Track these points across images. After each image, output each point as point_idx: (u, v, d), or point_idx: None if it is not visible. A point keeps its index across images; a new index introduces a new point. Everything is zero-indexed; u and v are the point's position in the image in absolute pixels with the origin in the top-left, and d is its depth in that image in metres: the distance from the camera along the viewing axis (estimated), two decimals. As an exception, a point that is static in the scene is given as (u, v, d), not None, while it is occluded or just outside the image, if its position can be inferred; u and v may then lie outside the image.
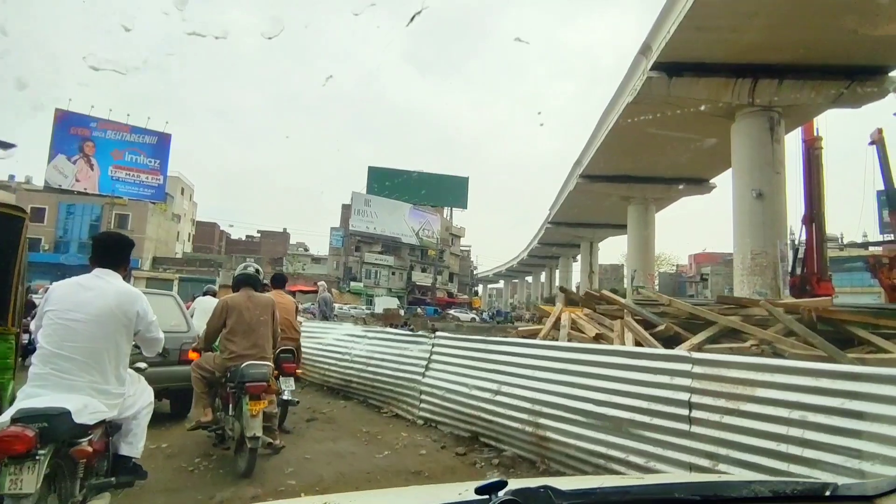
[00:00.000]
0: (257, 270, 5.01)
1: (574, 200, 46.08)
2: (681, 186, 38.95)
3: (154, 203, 53.17)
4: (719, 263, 71.09)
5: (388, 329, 7.15)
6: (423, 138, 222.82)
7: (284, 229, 78.08)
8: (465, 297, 70.72)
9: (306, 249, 70.78)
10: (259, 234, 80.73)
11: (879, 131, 24.39)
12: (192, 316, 6.64)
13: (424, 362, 5.88)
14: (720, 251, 76.47)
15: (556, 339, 7.03)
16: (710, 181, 38.93)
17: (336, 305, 43.40)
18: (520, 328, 9.56)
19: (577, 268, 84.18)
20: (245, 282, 4.84)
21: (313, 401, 7.07)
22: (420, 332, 6.42)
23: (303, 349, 6.31)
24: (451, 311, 53.18)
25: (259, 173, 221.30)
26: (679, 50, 20.90)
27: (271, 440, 4.41)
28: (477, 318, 50.50)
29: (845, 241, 48.09)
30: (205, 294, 8.15)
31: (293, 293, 49.75)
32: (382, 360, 6.51)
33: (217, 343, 4.80)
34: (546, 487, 0.91)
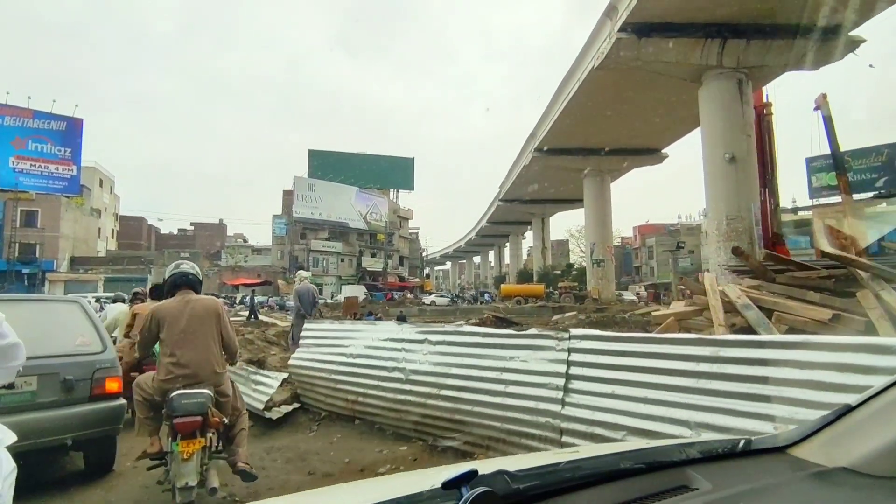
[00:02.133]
0: (192, 267, 3.95)
1: (527, 176, 45.50)
2: (635, 156, 39.06)
3: (68, 197, 48.09)
4: (663, 234, 72.90)
5: (469, 328, 4.80)
6: (358, 123, 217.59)
7: (220, 220, 73.78)
8: (417, 280, 69.35)
9: (245, 240, 66.97)
10: (192, 227, 75.81)
11: (823, 97, 24.71)
12: None
13: (559, 380, 3.70)
14: (662, 222, 78.77)
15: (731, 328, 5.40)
16: (663, 150, 39.27)
17: (286, 298, 41.25)
18: (655, 312, 7.80)
19: (525, 245, 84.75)
20: (180, 283, 3.78)
21: (345, 447, 4.65)
22: (544, 333, 4.02)
23: (316, 363, 4.94)
24: (431, 297, 51.07)
25: (187, 163, 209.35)
26: (649, 8, 20.11)
27: (215, 485, 3.30)
28: (457, 301, 48.53)
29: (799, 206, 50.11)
30: (114, 301, 6.29)
31: (236, 287, 46.87)
32: (470, 377, 4.22)
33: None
34: (501, 472, 0.95)
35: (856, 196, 27.45)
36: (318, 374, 5.68)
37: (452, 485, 0.90)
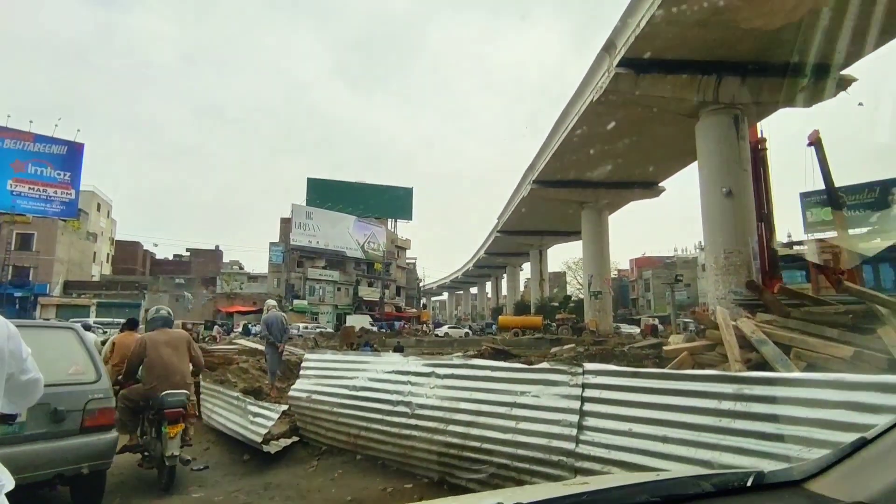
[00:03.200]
0: (168, 312, 5.78)
1: (525, 207, 45.74)
2: (633, 190, 39.38)
3: (65, 220, 47.99)
4: (659, 267, 73.08)
5: (479, 361, 4.62)
6: (357, 152, 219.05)
7: (217, 247, 73.21)
8: (414, 310, 68.92)
9: (241, 267, 66.61)
10: (188, 253, 75.47)
11: (816, 132, 25.18)
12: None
13: (573, 416, 3.56)
14: (659, 254, 79.03)
15: (745, 364, 5.23)
16: (660, 184, 39.65)
17: (294, 326, 40.48)
18: (666, 347, 7.58)
19: (522, 277, 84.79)
20: (160, 322, 5.52)
21: (347, 484, 4.53)
22: (556, 367, 3.92)
23: (317, 395, 4.98)
24: (444, 328, 50.66)
25: (184, 189, 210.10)
26: (647, 46, 20.51)
27: (189, 458, 5.28)
28: (471, 332, 47.66)
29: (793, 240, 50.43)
30: (86, 329, 6.25)
31: (230, 314, 46.33)
32: (480, 412, 4.06)
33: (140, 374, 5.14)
34: None
35: (850, 231, 27.60)
36: (320, 407, 5.49)
37: None
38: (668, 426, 3.17)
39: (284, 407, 6.00)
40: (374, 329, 44.29)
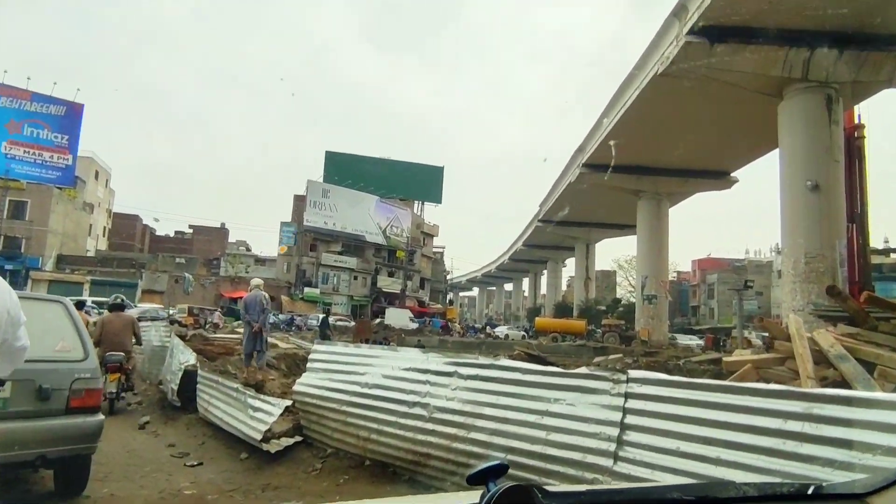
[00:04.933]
0: (122, 299, 11.38)
1: (572, 195, 45.33)
2: (699, 179, 38.63)
3: (61, 188, 49.71)
4: (727, 270, 71.67)
5: (508, 362, 4.62)
6: (382, 125, 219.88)
7: (222, 224, 74.92)
8: (439, 306, 69.21)
9: (248, 249, 68.00)
10: (191, 230, 77.36)
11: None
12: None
13: (612, 429, 3.54)
14: (728, 256, 77.41)
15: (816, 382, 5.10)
16: (732, 174, 38.78)
17: (294, 315, 41.47)
18: (728, 359, 7.50)
19: (565, 274, 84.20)
20: (116, 307, 9.83)
21: (353, 492, 4.64)
22: (596, 373, 3.93)
23: (324, 392, 5.46)
24: (497, 329, 51.26)
25: (189, 160, 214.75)
26: (725, 10, 19.98)
27: (123, 395, 8.90)
28: (526, 335, 47.78)
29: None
30: None
31: (234, 300, 47.46)
32: (506, 420, 4.07)
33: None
34: (534, 486, 0.96)
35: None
36: (327, 405, 5.58)
37: (478, 479, 0.93)
38: (722, 446, 3.13)
39: (288, 402, 6.13)
40: (415, 326, 44.86)
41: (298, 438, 5.96)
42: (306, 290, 53.97)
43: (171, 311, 35.21)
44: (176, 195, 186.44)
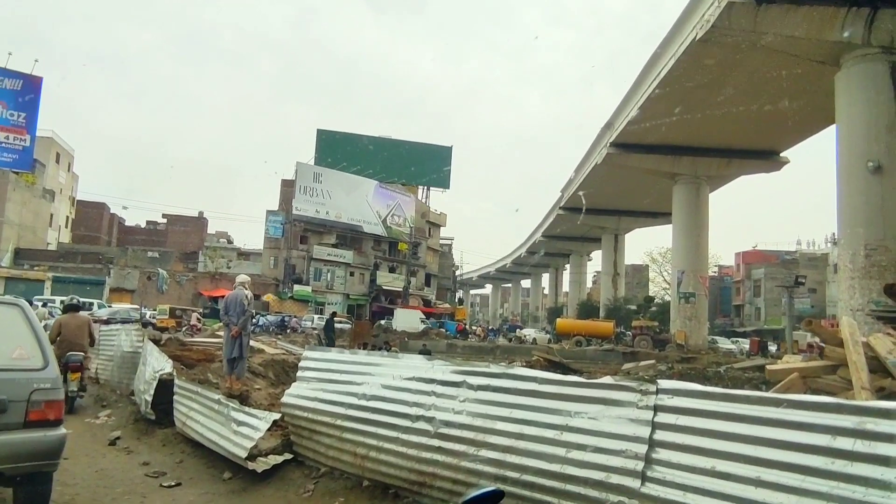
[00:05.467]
0: (77, 300, 16.41)
1: (599, 178, 45.35)
2: (744, 160, 38.50)
3: (17, 173, 50.17)
4: (775, 264, 71.46)
5: (523, 371, 4.66)
6: (382, 99, 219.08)
7: (200, 213, 75.36)
8: (447, 305, 69.38)
9: (230, 241, 68.42)
10: (165, 220, 77.87)
11: None
12: None
13: (640, 447, 3.60)
14: (775, 248, 77.16)
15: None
16: (782, 155, 38.64)
17: (286, 316, 41.58)
18: (771, 367, 7.57)
19: (591, 269, 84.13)
20: (72, 308, 11.45)
21: None
22: (622, 383, 3.95)
23: (317, 404, 5.51)
24: (530, 332, 51.23)
25: (162, 140, 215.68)
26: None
27: (82, 393, 10.23)
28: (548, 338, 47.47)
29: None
30: None
31: (214, 299, 47.79)
32: (521, 436, 4.12)
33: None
34: None
35: None
36: (320, 419, 5.64)
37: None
38: (763, 465, 3.17)
39: (276, 415, 6.21)
40: (427, 326, 45.09)
41: (288, 456, 6.01)
42: (296, 287, 54.22)
43: (148, 313, 35.43)
44: (148, 180, 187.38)
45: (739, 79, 26.69)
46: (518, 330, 57.14)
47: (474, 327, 59.81)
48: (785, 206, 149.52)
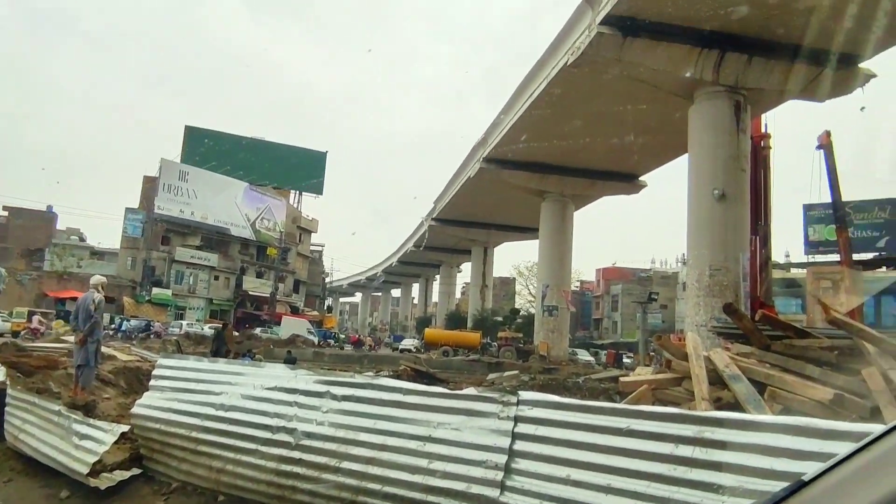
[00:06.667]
0: None
1: (471, 192, 46.44)
2: (607, 182, 40.72)
3: None
4: (632, 281, 75.80)
5: (388, 381, 4.58)
6: (257, 99, 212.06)
7: (49, 207, 69.27)
8: (315, 312, 68.16)
9: (83, 239, 63.54)
10: (6, 213, 71.08)
11: (827, 135, 27.17)
12: None
13: (500, 457, 3.71)
14: (632, 266, 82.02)
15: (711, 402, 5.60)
16: (641, 178, 41.26)
17: (151, 322, 39.05)
18: (624, 379, 7.80)
19: (460, 280, 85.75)
20: None
21: None
22: (484, 395, 4.05)
23: (170, 415, 5.23)
24: (410, 342, 50.48)
25: (8, 122, 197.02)
26: (638, 2, 21.30)
27: None
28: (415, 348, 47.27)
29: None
30: None
31: (61, 301, 44.37)
32: (384, 447, 4.15)
33: None
34: None
35: (855, 256, 29.77)
36: (173, 430, 5.38)
37: None
38: (613, 473, 3.35)
39: (125, 428, 5.86)
40: (314, 338, 44.08)
41: (137, 471, 5.70)
42: (155, 290, 51.31)
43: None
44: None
45: (606, 105, 28.20)
46: (398, 339, 57.29)
47: (367, 338, 59.62)
48: (642, 226, 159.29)
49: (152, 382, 6.15)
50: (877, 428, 1.21)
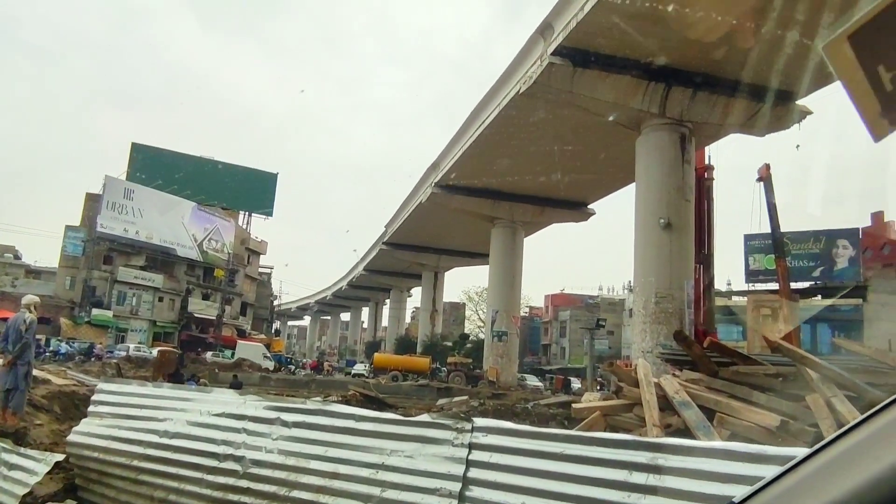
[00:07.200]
0: None
1: (422, 216, 46.49)
2: (557, 209, 41.32)
3: None
4: (580, 307, 76.74)
5: (341, 407, 4.44)
6: (206, 117, 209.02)
7: (-18, 224, 66.78)
8: (262, 336, 66.91)
9: (18, 257, 61.21)
10: (-66, 228, 68.05)
11: (767, 167, 28.30)
12: None
13: (454, 485, 3.68)
14: (580, 292, 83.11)
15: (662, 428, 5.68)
16: (589, 206, 42.02)
17: (65, 343, 37.70)
18: (577, 405, 7.74)
19: (410, 305, 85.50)
20: None
21: None
22: (438, 421, 4.00)
23: (110, 443, 4.96)
24: (362, 367, 49.67)
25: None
26: (591, 34, 21.83)
27: None
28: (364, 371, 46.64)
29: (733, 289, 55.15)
30: None
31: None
32: (336, 475, 4.08)
33: None
34: None
35: (793, 285, 30.83)
36: (112, 459, 5.14)
37: None
38: (568, 501, 3.32)
39: (59, 456, 5.58)
40: (270, 364, 43.15)
41: (72, 503, 5.43)
42: (94, 311, 49.56)
43: None
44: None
45: (557, 134, 28.68)
46: (350, 364, 56.77)
47: (327, 364, 58.79)
48: (591, 253, 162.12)
49: (91, 408, 5.87)
50: (801, 451, 1.23)
